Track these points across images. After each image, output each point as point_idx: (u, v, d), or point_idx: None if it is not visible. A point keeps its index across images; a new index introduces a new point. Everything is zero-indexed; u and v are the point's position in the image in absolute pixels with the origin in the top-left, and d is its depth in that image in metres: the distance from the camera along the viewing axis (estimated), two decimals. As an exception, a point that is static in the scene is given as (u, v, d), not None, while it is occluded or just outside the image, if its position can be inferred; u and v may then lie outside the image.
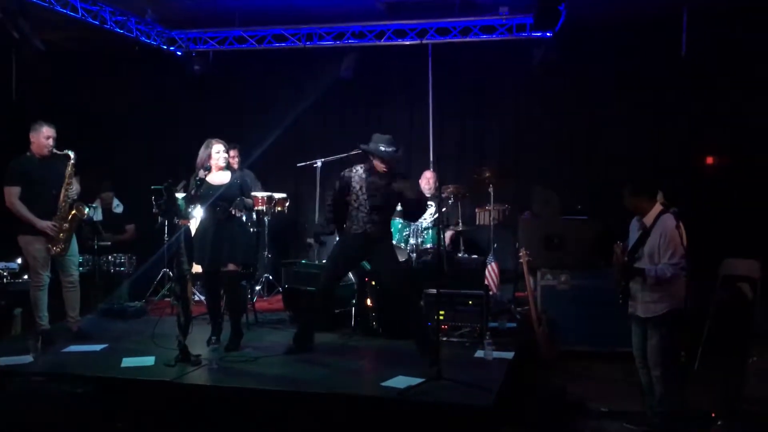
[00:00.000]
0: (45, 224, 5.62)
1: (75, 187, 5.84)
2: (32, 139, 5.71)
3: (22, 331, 6.00)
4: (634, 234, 4.66)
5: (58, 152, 5.74)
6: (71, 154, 5.76)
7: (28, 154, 5.72)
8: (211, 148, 5.57)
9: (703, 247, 5.25)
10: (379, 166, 5.28)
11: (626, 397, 5.16)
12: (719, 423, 4.50)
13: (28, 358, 5.02)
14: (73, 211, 5.77)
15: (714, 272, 6.12)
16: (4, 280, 6.63)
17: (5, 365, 4.88)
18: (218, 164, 5.59)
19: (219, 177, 5.61)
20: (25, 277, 6.60)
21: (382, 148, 5.22)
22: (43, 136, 5.68)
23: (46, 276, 5.72)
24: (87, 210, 5.84)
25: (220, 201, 5.48)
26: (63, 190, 5.74)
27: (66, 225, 5.73)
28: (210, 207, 5.55)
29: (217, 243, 5.48)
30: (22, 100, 8.55)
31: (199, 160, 5.56)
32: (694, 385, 5.03)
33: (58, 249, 5.70)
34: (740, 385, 4.87)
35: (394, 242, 5.80)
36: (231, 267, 5.51)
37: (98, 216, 7.83)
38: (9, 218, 5.66)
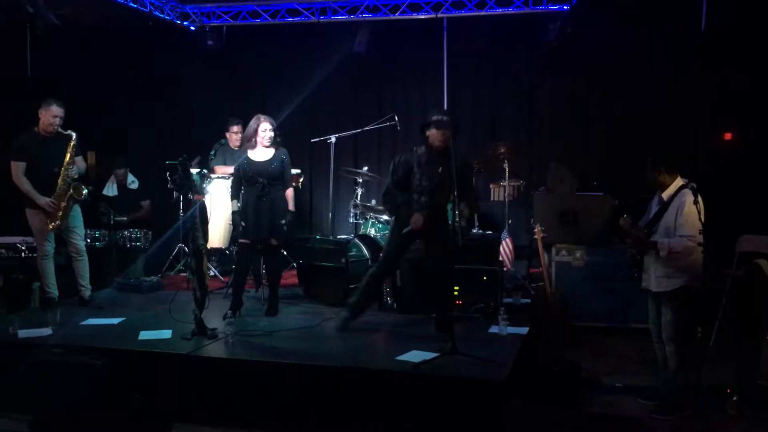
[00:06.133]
0: (44, 200, 5.79)
1: (77, 167, 5.96)
2: (40, 116, 5.82)
3: (41, 305, 6.07)
4: (654, 209, 4.63)
5: (63, 132, 5.85)
6: (73, 135, 5.89)
7: (35, 129, 5.85)
8: (258, 124, 5.69)
9: (720, 223, 5.21)
10: (436, 141, 5.03)
11: (641, 372, 5.18)
12: (734, 399, 4.50)
13: (47, 331, 5.08)
14: (70, 191, 5.88)
15: (731, 249, 6.09)
16: (23, 254, 6.70)
17: (25, 337, 4.95)
18: (262, 142, 5.71)
19: (262, 154, 5.73)
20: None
21: (436, 117, 5.01)
22: (51, 114, 5.78)
23: (49, 247, 5.91)
24: (85, 191, 5.93)
25: (260, 177, 5.62)
26: (63, 170, 5.85)
27: (63, 203, 5.86)
28: (250, 182, 5.68)
29: (258, 218, 5.63)
30: (36, 75, 8.55)
31: (246, 133, 5.78)
32: (710, 360, 5.01)
33: (55, 225, 5.86)
34: (756, 361, 4.85)
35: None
36: (273, 242, 5.72)
37: (114, 191, 7.86)
38: (19, 193, 5.80)
